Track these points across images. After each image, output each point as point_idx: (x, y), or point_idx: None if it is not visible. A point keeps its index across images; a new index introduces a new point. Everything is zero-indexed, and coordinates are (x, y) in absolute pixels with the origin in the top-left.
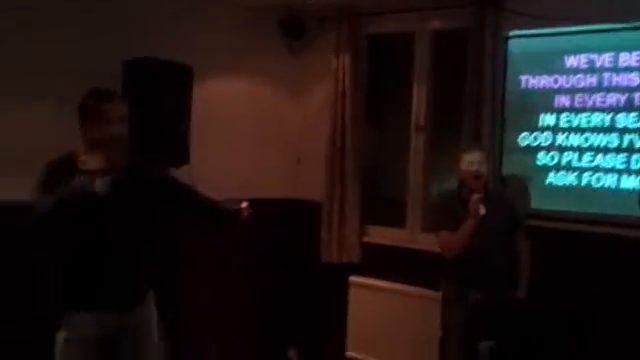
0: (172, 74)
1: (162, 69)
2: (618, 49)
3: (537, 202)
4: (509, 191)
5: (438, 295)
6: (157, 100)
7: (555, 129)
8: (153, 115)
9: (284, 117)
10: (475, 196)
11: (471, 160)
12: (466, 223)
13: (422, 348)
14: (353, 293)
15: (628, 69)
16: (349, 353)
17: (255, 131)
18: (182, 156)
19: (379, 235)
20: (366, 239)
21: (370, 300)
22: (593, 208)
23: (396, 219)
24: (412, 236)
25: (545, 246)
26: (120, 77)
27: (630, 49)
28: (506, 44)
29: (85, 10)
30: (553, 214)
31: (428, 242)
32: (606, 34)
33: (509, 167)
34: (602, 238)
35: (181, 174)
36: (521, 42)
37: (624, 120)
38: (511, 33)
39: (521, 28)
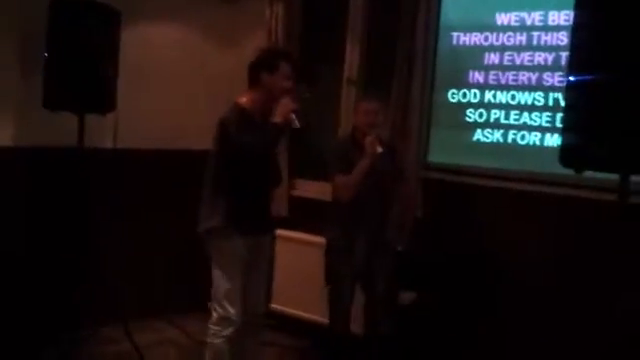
0: (100, 16)
1: (89, 11)
2: (547, 8)
3: (464, 158)
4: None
5: None
6: (83, 43)
7: (483, 86)
8: (79, 58)
9: (215, 66)
10: (370, 137)
11: (367, 109)
12: (361, 162)
13: None
14: (279, 246)
15: (556, 28)
16: (274, 305)
17: (185, 80)
18: (108, 102)
19: (307, 189)
20: (294, 193)
21: (296, 253)
22: (518, 165)
23: (323, 173)
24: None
25: (470, 202)
26: (46, 17)
27: (559, 8)
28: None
29: None
30: (478, 170)
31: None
32: None
33: (438, 123)
34: (526, 195)
35: (107, 120)
36: None
37: (551, 79)
38: None
39: None
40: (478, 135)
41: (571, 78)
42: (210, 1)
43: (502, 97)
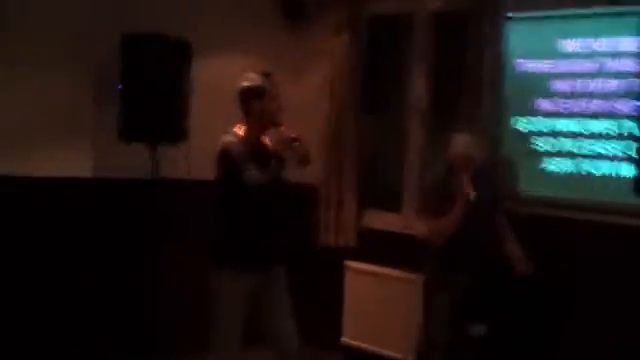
0: (171, 49)
1: (160, 44)
2: (616, 34)
3: (534, 188)
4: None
5: None
6: (155, 75)
7: (552, 114)
8: (152, 90)
9: (283, 95)
10: (464, 180)
11: (461, 143)
12: (455, 209)
13: None
14: (349, 278)
15: (625, 55)
16: (345, 339)
17: None
18: (180, 132)
19: (376, 220)
20: (363, 223)
21: (366, 285)
22: (590, 195)
23: (393, 204)
24: (408, 221)
25: (543, 233)
26: (119, 51)
27: (626, 34)
28: (505, 27)
29: None
30: (549, 200)
31: (424, 228)
32: (604, 18)
33: (506, 152)
34: (599, 225)
35: (179, 150)
36: (518, 26)
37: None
38: (509, 15)
39: (520, 11)
40: (548, 164)
41: None
42: (278, 30)
43: (572, 125)
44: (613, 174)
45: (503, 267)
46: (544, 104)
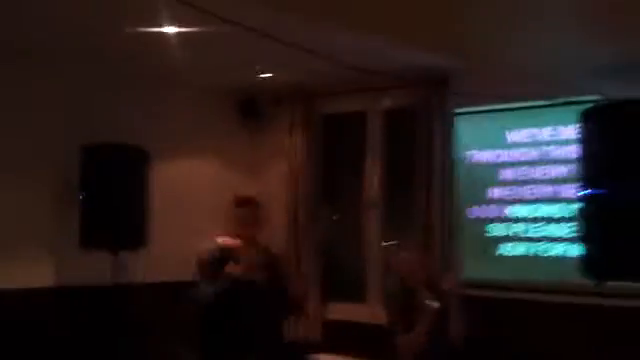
0: (128, 158)
1: (119, 153)
2: (556, 124)
3: (489, 272)
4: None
5: None
6: (114, 184)
7: (502, 201)
8: (111, 198)
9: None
10: (424, 294)
11: (405, 260)
12: (421, 323)
13: None
14: None
15: (567, 142)
16: None
17: (213, 211)
18: (141, 239)
19: (340, 311)
20: (327, 316)
21: None
22: (544, 276)
23: (356, 294)
24: (373, 311)
25: (497, 315)
26: (78, 162)
27: (567, 123)
28: (453, 122)
29: (43, 97)
30: (506, 283)
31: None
32: (545, 109)
33: (460, 239)
34: (554, 306)
35: (138, 257)
36: (466, 119)
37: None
38: (457, 111)
39: (466, 106)
40: (502, 249)
41: (582, 192)
42: (234, 133)
43: (521, 211)
44: (562, 255)
45: None
46: (495, 192)
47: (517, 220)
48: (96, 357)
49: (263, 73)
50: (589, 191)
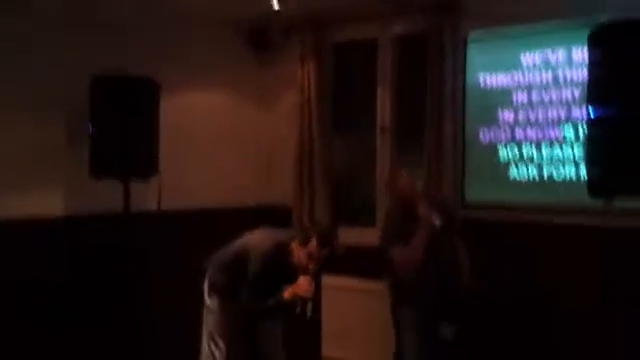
0: (139, 89)
1: (129, 85)
2: (570, 44)
3: (501, 196)
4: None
5: None
6: (125, 114)
7: (514, 124)
8: (121, 129)
9: (253, 127)
10: (424, 207)
11: (402, 179)
12: (418, 235)
13: None
14: (326, 294)
15: (580, 64)
16: (325, 353)
17: (224, 141)
18: (151, 167)
19: (350, 235)
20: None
21: (344, 300)
22: (555, 199)
23: (367, 219)
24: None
25: (509, 237)
26: (88, 92)
27: (581, 44)
28: (465, 45)
29: (53, 26)
30: (516, 206)
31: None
32: (558, 31)
33: (472, 163)
34: (564, 228)
35: (151, 185)
36: (479, 43)
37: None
38: (469, 34)
39: (479, 28)
40: (513, 173)
41: (590, 112)
42: (245, 65)
43: (532, 134)
44: (574, 177)
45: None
46: (507, 115)
47: (528, 143)
48: (108, 286)
49: (275, 3)
50: (597, 112)
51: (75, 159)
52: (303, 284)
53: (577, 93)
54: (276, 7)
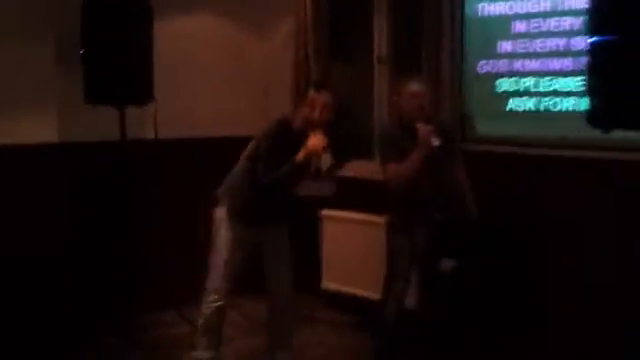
0: (132, 12)
1: (122, 8)
2: None
3: (499, 129)
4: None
5: None
6: (117, 39)
7: (512, 55)
8: (114, 53)
9: (249, 54)
10: (425, 127)
11: (413, 93)
12: (416, 152)
13: None
14: (326, 226)
15: None
16: (325, 284)
17: (220, 67)
18: (146, 94)
19: (350, 168)
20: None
21: (343, 232)
22: (554, 132)
23: (364, 151)
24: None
25: (508, 170)
26: (79, 16)
27: None
28: None
29: None
30: (515, 139)
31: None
32: None
33: (469, 94)
34: (564, 160)
35: (147, 112)
36: None
37: (579, 44)
38: None
39: None
40: (511, 104)
41: (590, 40)
42: None
43: (531, 65)
44: (574, 109)
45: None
46: (506, 46)
47: (527, 74)
48: (105, 213)
49: None
50: (596, 39)
51: (68, 85)
52: (312, 139)
53: (577, 22)
54: None
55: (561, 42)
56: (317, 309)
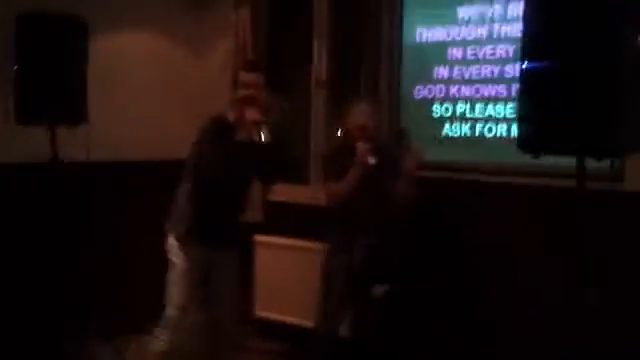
0: (67, 28)
1: (56, 23)
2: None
3: (434, 153)
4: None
5: None
6: (51, 55)
7: (448, 81)
8: (48, 71)
9: (186, 74)
10: (363, 146)
11: (357, 112)
12: (352, 170)
13: None
14: (259, 252)
15: (517, 19)
16: (258, 312)
17: (156, 88)
18: (79, 113)
19: (283, 193)
20: (270, 197)
21: (276, 258)
22: (487, 157)
23: (299, 176)
24: (315, 193)
25: (442, 195)
26: (13, 31)
27: None
28: None
29: None
30: (448, 164)
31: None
32: None
33: (406, 119)
34: (495, 186)
35: (79, 133)
36: None
37: (512, 71)
38: None
39: None
40: (446, 130)
41: (524, 66)
42: (177, 8)
43: (466, 91)
44: (506, 135)
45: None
46: (442, 71)
47: (462, 100)
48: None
49: None
50: (527, 65)
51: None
52: (247, 111)
53: (511, 50)
54: None
55: (496, 69)
56: (250, 337)
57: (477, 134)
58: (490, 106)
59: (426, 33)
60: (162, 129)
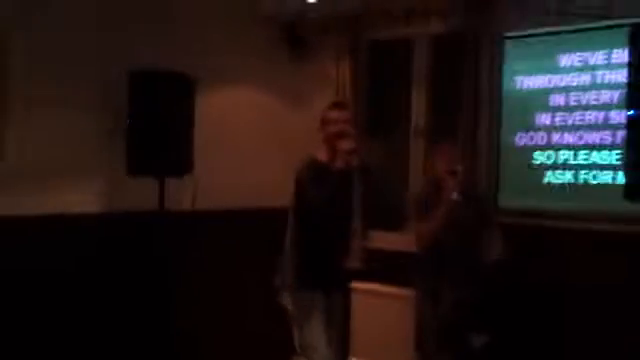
0: (175, 85)
1: (166, 81)
2: (611, 47)
3: (535, 201)
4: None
5: None
6: (161, 110)
7: (550, 128)
8: (157, 125)
9: (287, 125)
10: (450, 184)
11: (445, 156)
12: (437, 209)
13: None
14: (356, 299)
15: (620, 66)
16: (353, 359)
17: (258, 140)
18: (186, 165)
19: (381, 240)
20: (368, 245)
21: (374, 305)
22: (591, 205)
23: (395, 223)
24: (411, 239)
25: (544, 244)
26: (126, 87)
27: (623, 46)
28: (502, 46)
29: (92, 21)
30: (552, 212)
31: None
32: (598, 32)
33: (506, 166)
34: (601, 234)
35: (185, 183)
36: (516, 43)
37: (618, 117)
38: (506, 34)
39: (515, 30)
40: (549, 177)
41: (629, 113)
42: (279, 62)
43: (569, 138)
44: (610, 182)
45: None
46: (544, 118)
47: (565, 147)
48: (141, 284)
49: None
50: (634, 112)
51: (112, 155)
52: (340, 143)
53: (616, 95)
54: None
55: (600, 115)
56: None
57: (581, 181)
58: (595, 153)
59: (527, 80)
60: (265, 179)
